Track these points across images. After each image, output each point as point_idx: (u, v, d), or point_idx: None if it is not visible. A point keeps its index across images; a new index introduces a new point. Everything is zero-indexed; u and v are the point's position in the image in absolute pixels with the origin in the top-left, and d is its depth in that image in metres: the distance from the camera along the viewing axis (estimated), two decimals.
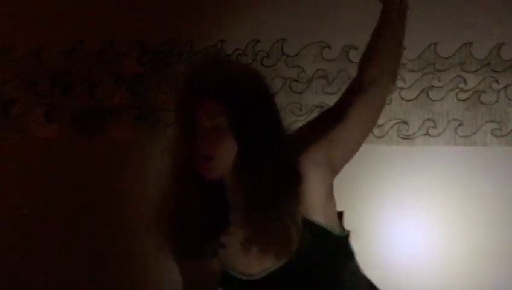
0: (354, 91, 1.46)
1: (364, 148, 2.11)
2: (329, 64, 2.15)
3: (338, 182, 2.12)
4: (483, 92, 2.07)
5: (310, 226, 1.38)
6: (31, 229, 2.32)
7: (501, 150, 2.06)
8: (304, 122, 2.14)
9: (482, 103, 2.07)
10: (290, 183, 1.40)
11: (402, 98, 2.11)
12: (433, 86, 2.08)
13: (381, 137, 2.11)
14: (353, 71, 2.12)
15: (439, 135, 2.09)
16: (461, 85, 2.08)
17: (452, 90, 2.08)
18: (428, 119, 2.09)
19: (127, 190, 2.27)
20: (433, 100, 2.09)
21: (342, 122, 1.43)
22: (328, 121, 1.46)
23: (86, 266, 2.29)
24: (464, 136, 2.07)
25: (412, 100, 2.10)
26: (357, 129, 1.46)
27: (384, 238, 2.15)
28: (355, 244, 1.48)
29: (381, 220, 2.16)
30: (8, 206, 2.33)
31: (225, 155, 1.47)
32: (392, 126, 2.11)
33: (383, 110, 2.09)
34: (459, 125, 2.07)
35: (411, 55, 2.09)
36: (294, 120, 2.17)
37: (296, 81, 2.17)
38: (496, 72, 2.06)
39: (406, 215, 2.15)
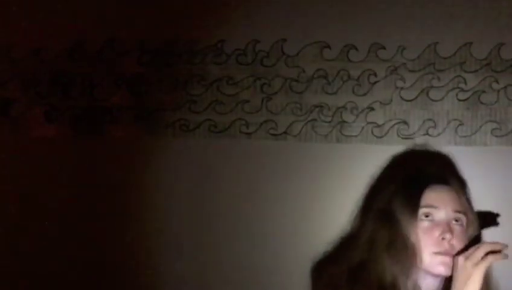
0: None
1: (365, 148, 2.13)
2: (329, 64, 2.15)
3: (338, 182, 2.13)
4: (483, 92, 2.07)
5: None
6: (31, 229, 2.31)
7: (501, 150, 2.06)
8: (304, 122, 2.16)
9: (482, 103, 2.07)
10: None
11: (402, 98, 2.11)
12: (433, 86, 2.08)
13: (381, 137, 2.11)
14: (353, 71, 2.14)
15: (439, 135, 2.08)
16: (461, 85, 2.08)
17: (452, 90, 2.08)
18: (429, 119, 2.09)
19: (126, 190, 2.27)
20: (433, 100, 2.09)
21: None
22: None
23: (86, 266, 2.28)
24: (464, 136, 2.07)
25: (412, 100, 2.10)
26: None
27: None
28: None
29: None
30: (8, 206, 2.32)
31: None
32: (392, 126, 2.11)
33: (383, 109, 2.11)
34: (459, 125, 2.07)
35: (411, 55, 2.09)
36: (294, 120, 2.17)
37: (296, 81, 2.17)
38: (496, 72, 2.06)
39: None
